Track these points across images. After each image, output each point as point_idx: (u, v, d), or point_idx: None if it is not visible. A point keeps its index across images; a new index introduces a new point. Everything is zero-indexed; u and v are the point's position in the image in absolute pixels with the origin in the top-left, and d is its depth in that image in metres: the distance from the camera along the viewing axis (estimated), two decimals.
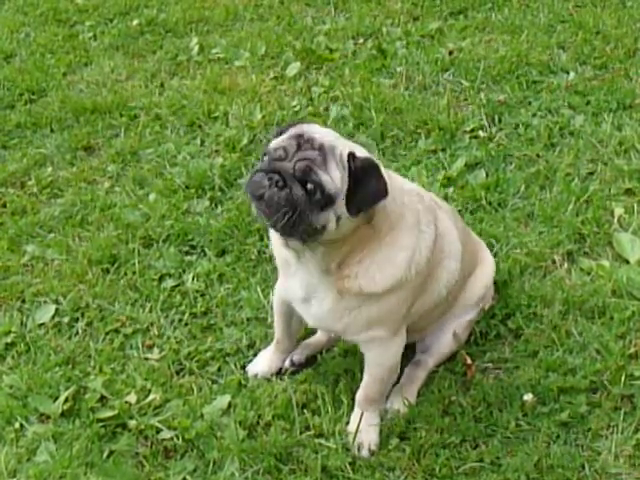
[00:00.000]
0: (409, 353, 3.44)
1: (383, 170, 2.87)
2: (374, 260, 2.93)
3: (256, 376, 3.50)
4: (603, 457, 3.09)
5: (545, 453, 3.09)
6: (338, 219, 2.78)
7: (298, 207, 2.73)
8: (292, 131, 2.86)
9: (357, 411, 3.25)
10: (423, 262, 3.03)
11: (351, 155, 2.78)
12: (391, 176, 3.01)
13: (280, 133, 2.90)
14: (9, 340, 3.74)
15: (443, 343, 3.46)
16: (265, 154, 2.84)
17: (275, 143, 2.84)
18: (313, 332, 3.64)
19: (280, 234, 2.89)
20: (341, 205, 2.76)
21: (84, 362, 3.62)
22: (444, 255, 3.21)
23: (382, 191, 2.82)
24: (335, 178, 2.75)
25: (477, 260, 3.54)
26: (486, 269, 3.58)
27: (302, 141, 2.80)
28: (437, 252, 3.13)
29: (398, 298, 3.03)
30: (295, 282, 3.08)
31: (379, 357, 3.18)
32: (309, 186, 2.73)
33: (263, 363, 3.53)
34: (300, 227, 2.76)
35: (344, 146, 2.82)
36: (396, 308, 3.06)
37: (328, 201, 2.74)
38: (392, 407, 3.30)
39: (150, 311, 3.85)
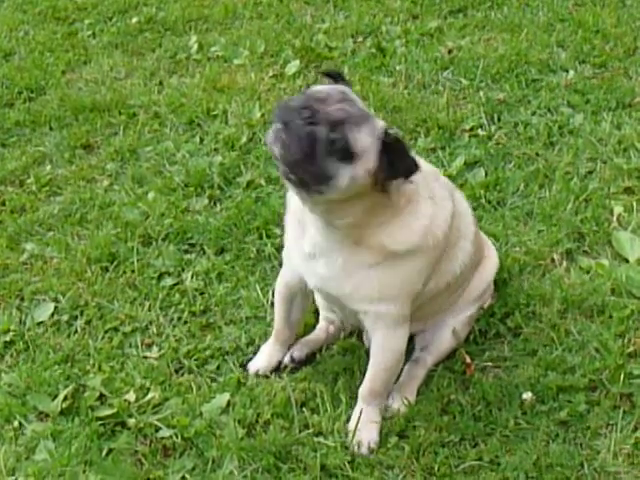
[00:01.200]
0: (408, 351, 3.43)
1: None
2: (396, 224, 2.93)
3: (257, 372, 3.50)
4: (602, 456, 3.09)
5: (544, 452, 3.09)
6: (351, 177, 2.75)
7: (316, 146, 2.72)
8: (336, 86, 2.89)
9: (358, 408, 3.24)
10: (440, 234, 3.02)
11: (388, 130, 2.81)
12: None
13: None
14: (8, 338, 3.74)
15: (442, 340, 3.46)
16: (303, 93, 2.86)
17: (317, 88, 2.85)
18: (313, 328, 3.64)
19: (286, 170, 2.79)
20: (360, 167, 2.75)
21: (83, 360, 3.62)
22: (460, 235, 3.22)
23: (415, 165, 2.82)
24: (364, 140, 2.75)
25: (482, 254, 3.54)
26: (489, 265, 3.58)
27: (346, 97, 2.83)
28: (454, 230, 3.14)
29: (413, 267, 3.02)
30: (305, 241, 3.05)
31: (386, 340, 3.14)
32: (335, 135, 2.72)
33: (263, 358, 3.53)
34: (310, 167, 2.73)
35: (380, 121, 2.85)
36: (409, 279, 3.04)
37: (347, 156, 2.74)
38: (392, 406, 3.30)
39: (149, 309, 3.85)
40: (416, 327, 3.39)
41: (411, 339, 3.44)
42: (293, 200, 3.10)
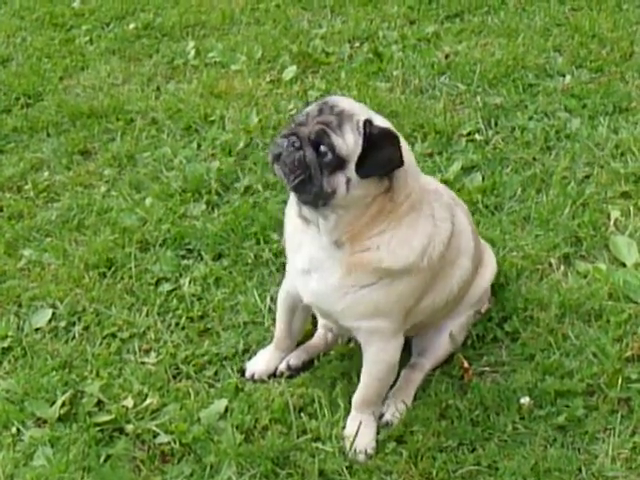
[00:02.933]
0: (405, 356, 3.44)
1: (404, 145, 2.94)
2: (396, 235, 2.96)
3: (253, 375, 3.50)
4: (600, 460, 3.09)
5: (542, 456, 3.08)
6: (348, 182, 2.84)
7: (309, 168, 2.84)
8: (320, 100, 3.00)
9: (353, 415, 3.25)
10: (436, 255, 3.04)
11: (368, 122, 2.86)
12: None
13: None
14: (6, 345, 3.73)
15: (439, 345, 3.46)
16: (293, 121, 2.98)
17: (301, 112, 2.98)
18: (311, 336, 3.64)
19: (296, 195, 2.97)
20: (352, 169, 2.84)
21: (81, 366, 3.61)
22: (459, 253, 3.23)
23: (395, 160, 2.88)
24: (348, 141, 2.84)
25: (480, 261, 3.54)
26: (486, 271, 3.58)
27: (324, 107, 2.93)
28: (453, 249, 3.16)
29: (406, 286, 3.03)
30: (300, 256, 3.09)
31: (380, 353, 3.16)
32: (322, 148, 2.84)
33: (261, 363, 3.53)
34: (312, 188, 2.85)
35: (365, 114, 2.91)
36: (402, 297, 3.05)
37: (339, 163, 2.84)
38: (385, 416, 3.29)
39: (147, 315, 3.85)
40: (409, 333, 3.41)
41: (408, 344, 3.44)
42: (292, 216, 3.12)
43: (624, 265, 3.90)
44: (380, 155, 2.85)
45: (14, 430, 3.33)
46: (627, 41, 5.76)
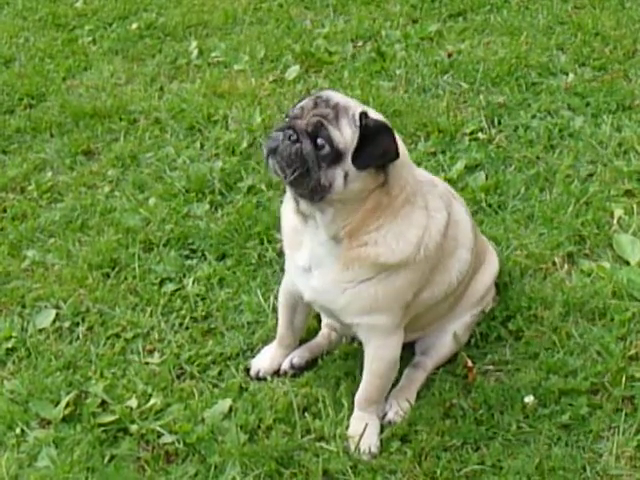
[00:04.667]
0: (408, 355, 3.44)
1: (398, 138, 2.95)
2: (392, 229, 2.97)
3: (258, 372, 3.51)
4: (604, 459, 3.09)
5: (546, 455, 3.08)
6: (346, 176, 2.85)
7: (307, 161, 2.84)
8: (313, 94, 2.99)
9: (357, 414, 3.25)
10: (432, 245, 3.04)
11: (363, 114, 2.87)
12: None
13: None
14: (10, 345, 3.74)
15: (443, 345, 3.46)
16: (287, 116, 2.97)
17: (296, 105, 2.97)
18: (315, 333, 3.64)
19: (292, 189, 2.97)
20: (349, 162, 2.85)
21: (85, 367, 3.62)
22: (458, 244, 3.23)
23: (391, 151, 2.89)
24: (345, 134, 2.84)
25: (483, 259, 3.54)
26: (489, 269, 3.58)
27: (319, 101, 2.93)
28: (450, 240, 3.15)
29: (405, 279, 3.03)
30: (301, 254, 3.10)
31: (379, 349, 3.17)
32: (319, 141, 2.84)
33: (266, 360, 3.54)
34: (309, 182, 2.85)
35: (360, 108, 2.92)
36: (401, 291, 3.05)
37: (336, 156, 2.84)
38: (388, 415, 3.29)
39: (151, 315, 3.85)
40: (416, 335, 3.41)
41: (411, 343, 3.45)
42: (289, 212, 3.12)
43: (628, 263, 3.90)
44: (377, 146, 2.86)
45: (18, 431, 3.34)
46: (630, 39, 5.75)
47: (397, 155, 2.89)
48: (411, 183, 3.01)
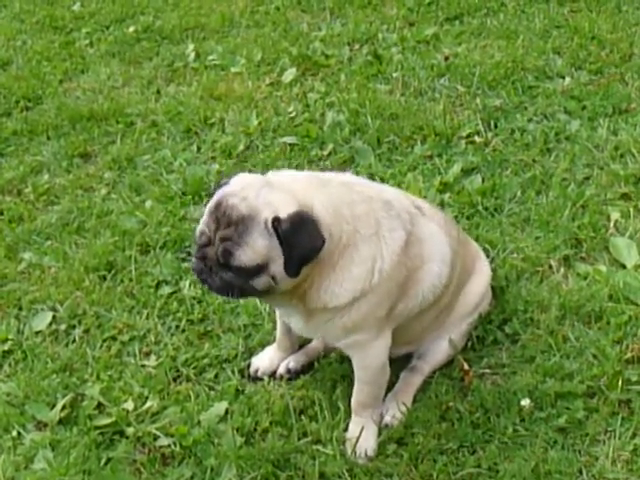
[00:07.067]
0: (405, 359, 3.44)
1: (318, 200, 2.89)
2: (331, 278, 2.97)
3: (257, 371, 3.53)
4: (601, 462, 3.09)
5: (543, 458, 3.08)
6: (274, 278, 2.86)
7: (234, 285, 2.87)
8: (211, 203, 2.93)
9: (354, 418, 3.25)
10: (388, 267, 3.02)
11: (276, 220, 2.78)
12: (353, 188, 3.07)
13: (219, 186, 2.99)
14: (6, 348, 3.74)
15: (439, 349, 3.46)
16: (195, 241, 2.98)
17: (199, 226, 2.94)
18: (310, 340, 3.64)
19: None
20: (274, 267, 2.83)
21: (81, 369, 3.62)
22: (424, 260, 3.19)
23: (317, 244, 2.84)
24: (258, 248, 2.80)
25: (472, 269, 3.54)
26: (480, 279, 3.57)
27: (220, 215, 2.86)
28: (412, 257, 3.13)
29: (369, 304, 3.04)
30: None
31: (362, 360, 3.19)
32: (233, 268, 2.84)
33: (265, 360, 3.57)
34: (247, 291, 2.92)
35: (268, 209, 2.80)
36: (370, 313, 3.06)
37: (258, 269, 2.83)
38: (385, 418, 3.29)
39: (147, 318, 3.85)
40: (412, 347, 3.45)
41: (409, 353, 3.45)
42: None
43: (624, 267, 3.90)
44: (302, 248, 2.81)
45: (14, 433, 3.34)
46: (626, 42, 5.76)
47: (323, 242, 2.84)
48: (346, 230, 2.95)
